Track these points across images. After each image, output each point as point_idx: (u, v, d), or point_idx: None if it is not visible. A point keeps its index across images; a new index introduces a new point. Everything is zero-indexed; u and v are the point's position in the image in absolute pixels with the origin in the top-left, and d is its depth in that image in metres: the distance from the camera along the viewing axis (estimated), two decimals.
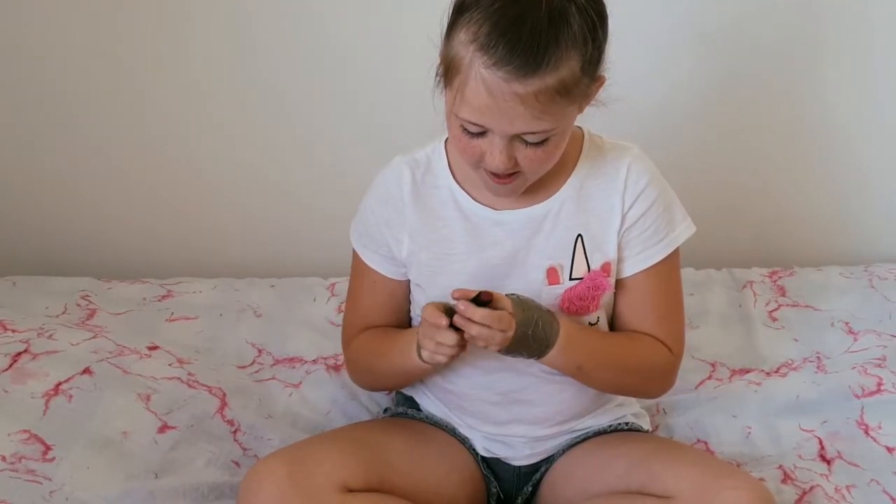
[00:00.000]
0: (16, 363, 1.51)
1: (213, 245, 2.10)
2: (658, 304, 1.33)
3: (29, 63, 1.94)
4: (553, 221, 1.29)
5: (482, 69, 1.11)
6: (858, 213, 2.11)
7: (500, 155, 1.16)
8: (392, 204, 1.33)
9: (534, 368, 1.32)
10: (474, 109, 1.13)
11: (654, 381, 1.36)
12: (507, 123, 1.13)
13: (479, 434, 1.41)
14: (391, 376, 1.37)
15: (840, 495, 1.40)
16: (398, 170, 1.33)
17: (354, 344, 1.40)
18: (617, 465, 1.31)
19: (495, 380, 1.34)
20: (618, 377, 1.33)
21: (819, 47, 1.97)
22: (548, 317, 1.23)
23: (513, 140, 1.16)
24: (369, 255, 1.36)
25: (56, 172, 2.03)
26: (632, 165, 1.29)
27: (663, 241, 1.31)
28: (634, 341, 1.32)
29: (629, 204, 1.29)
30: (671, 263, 1.33)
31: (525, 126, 1.14)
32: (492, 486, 1.41)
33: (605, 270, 1.30)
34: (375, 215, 1.34)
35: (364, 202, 1.37)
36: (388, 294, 1.37)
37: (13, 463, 1.33)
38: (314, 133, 2.01)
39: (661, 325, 1.33)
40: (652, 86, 1.92)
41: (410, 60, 1.90)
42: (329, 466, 1.23)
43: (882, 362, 1.67)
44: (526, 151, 1.17)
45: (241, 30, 1.93)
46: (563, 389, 1.35)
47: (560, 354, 1.24)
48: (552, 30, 1.10)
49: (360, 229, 1.37)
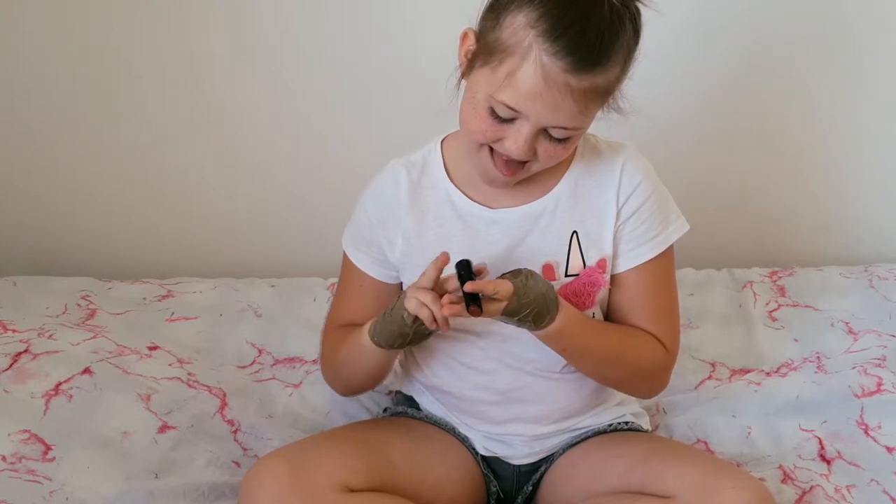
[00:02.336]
0: (16, 363, 1.51)
1: (213, 245, 2.10)
2: (652, 301, 1.33)
3: (29, 63, 1.94)
4: (548, 219, 1.30)
5: (543, 56, 1.11)
6: (858, 213, 2.11)
7: (524, 143, 1.16)
8: (387, 205, 1.33)
9: (531, 367, 1.33)
10: (520, 94, 1.13)
11: (646, 377, 1.36)
12: (550, 114, 1.14)
13: (478, 433, 1.41)
14: (348, 363, 1.36)
15: (840, 495, 1.40)
16: (394, 171, 1.34)
17: (328, 337, 1.41)
18: (617, 465, 1.31)
19: (493, 379, 1.35)
20: (610, 367, 1.32)
21: (819, 47, 1.97)
22: (544, 310, 1.21)
23: (539, 132, 1.16)
24: (359, 257, 1.37)
25: (56, 172, 2.03)
26: (626, 163, 1.30)
27: (656, 238, 1.31)
28: (630, 334, 1.33)
29: (623, 200, 1.29)
30: (665, 261, 1.33)
31: (564, 120, 1.15)
32: (492, 485, 1.41)
33: (600, 267, 1.30)
34: (369, 216, 1.35)
35: (359, 204, 1.37)
36: (374, 296, 1.38)
37: (13, 463, 1.33)
38: (314, 133, 2.01)
39: (655, 322, 1.33)
40: (651, 85, 1.92)
41: (412, 61, 1.93)
42: (330, 466, 1.23)
43: (882, 362, 1.67)
44: (547, 146, 1.18)
45: (243, 29, 1.93)
46: (560, 387, 1.35)
47: (554, 335, 1.24)
48: (613, 30, 1.12)
49: (353, 230, 1.38)
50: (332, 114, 2.00)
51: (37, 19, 1.91)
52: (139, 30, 1.92)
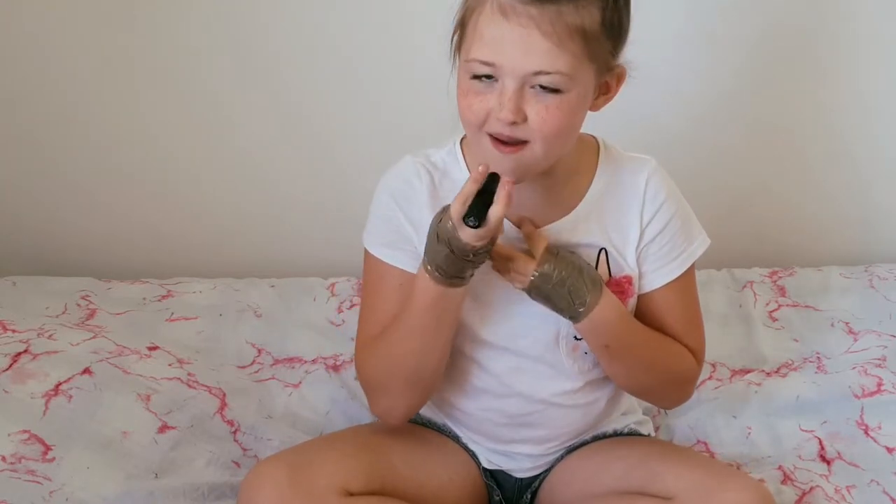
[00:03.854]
0: (16, 363, 1.51)
1: (213, 245, 2.10)
2: (680, 316, 1.32)
3: (29, 62, 1.94)
4: (575, 238, 1.26)
5: None
6: (858, 213, 2.11)
7: (508, 102, 1.10)
8: (410, 200, 1.26)
9: (544, 394, 1.31)
10: (486, 43, 1.10)
11: (677, 386, 1.34)
12: (521, 56, 1.09)
13: (483, 448, 1.40)
14: (407, 339, 1.22)
15: (840, 496, 1.40)
16: (414, 169, 1.26)
17: (369, 349, 1.28)
18: (616, 467, 1.31)
19: (505, 404, 1.33)
20: (647, 372, 1.30)
21: (818, 48, 1.97)
22: (580, 284, 1.19)
23: (524, 90, 1.11)
24: (394, 255, 1.26)
25: (56, 172, 2.03)
26: (650, 179, 1.27)
27: (681, 256, 1.30)
28: (667, 339, 1.31)
29: (647, 219, 1.27)
30: (689, 277, 1.32)
31: (540, 61, 1.09)
32: (494, 494, 1.40)
33: (627, 280, 1.29)
34: (392, 210, 1.26)
35: (378, 202, 1.28)
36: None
37: (13, 463, 1.33)
38: (315, 133, 2.01)
39: (684, 335, 1.32)
40: (651, 87, 1.92)
41: (414, 61, 1.92)
42: (330, 469, 1.22)
43: (882, 362, 1.67)
44: (537, 106, 1.11)
45: (243, 29, 1.93)
46: (568, 413, 1.34)
47: (591, 327, 1.22)
48: None
49: (379, 229, 1.28)
50: (333, 114, 1.99)
51: (37, 19, 1.91)
52: (139, 30, 1.92)
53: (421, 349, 1.23)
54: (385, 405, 1.29)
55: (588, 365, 1.31)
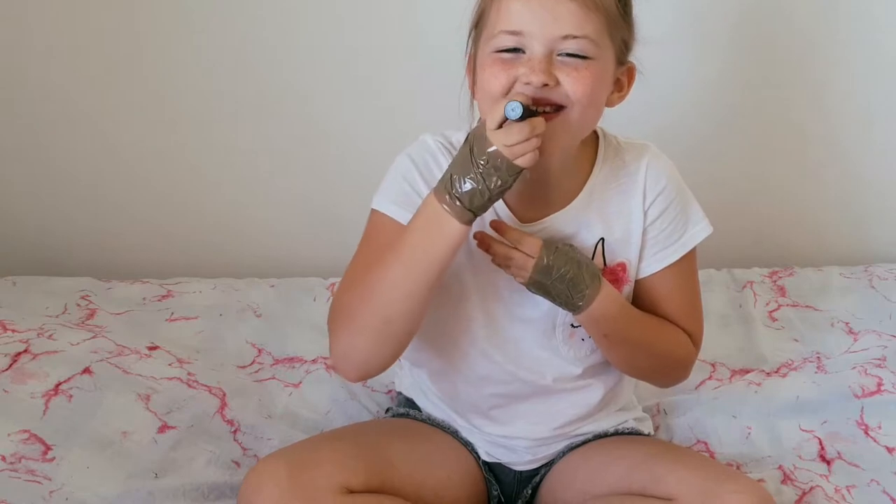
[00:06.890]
0: (16, 363, 1.51)
1: (213, 245, 2.10)
2: (678, 300, 1.34)
3: (29, 62, 1.94)
4: (574, 227, 1.28)
5: None
6: (858, 213, 2.11)
7: (538, 64, 1.11)
8: (431, 169, 1.25)
9: (546, 381, 1.33)
10: (513, 14, 1.12)
11: (673, 369, 1.36)
12: (551, 22, 1.11)
13: (481, 438, 1.40)
14: (393, 260, 1.16)
15: (840, 496, 1.40)
16: (436, 145, 1.27)
17: (350, 288, 1.23)
18: (617, 467, 1.31)
19: (504, 388, 1.35)
20: (646, 356, 1.32)
21: (819, 48, 1.97)
22: (579, 277, 1.20)
23: (551, 57, 1.12)
24: (400, 213, 1.24)
25: (56, 172, 2.03)
26: (650, 164, 1.29)
27: (679, 241, 1.31)
28: (666, 324, 1.33)
29: (648, 203, 1.29)
30: (688, 262, 1.33)
31: (568, 25, 1.11)
32: (493, 488, 1.41)
33: (620, 268, 1.30)
34: (412, 172, 1.25)
35: (397, 165, 1.27)
36: None
37: (13, 463, 1.33)
38: (315, 133, 2.01)
39: (683, 319, 1.34)
40: (651, 85, 1.92)
41: (416, 61, 1.93)
42: (330, 467, 1.22)
43: (882, 362, 1.67)
44: (567, 69, 1.12)
45: (244, 29, 1.93)
46: (564, 398, 1.36)
47: (590, 319, 1.24)
48: None
49: (392, 188, 1.26)
50: (333, 114, 1.99)
51: (37, 19, 1.91)
52: (140, 30, 1.92)
53: (402, 282, 1.16)
54: (345, 343, 1.22)
55: (585, 351, 1.33)
